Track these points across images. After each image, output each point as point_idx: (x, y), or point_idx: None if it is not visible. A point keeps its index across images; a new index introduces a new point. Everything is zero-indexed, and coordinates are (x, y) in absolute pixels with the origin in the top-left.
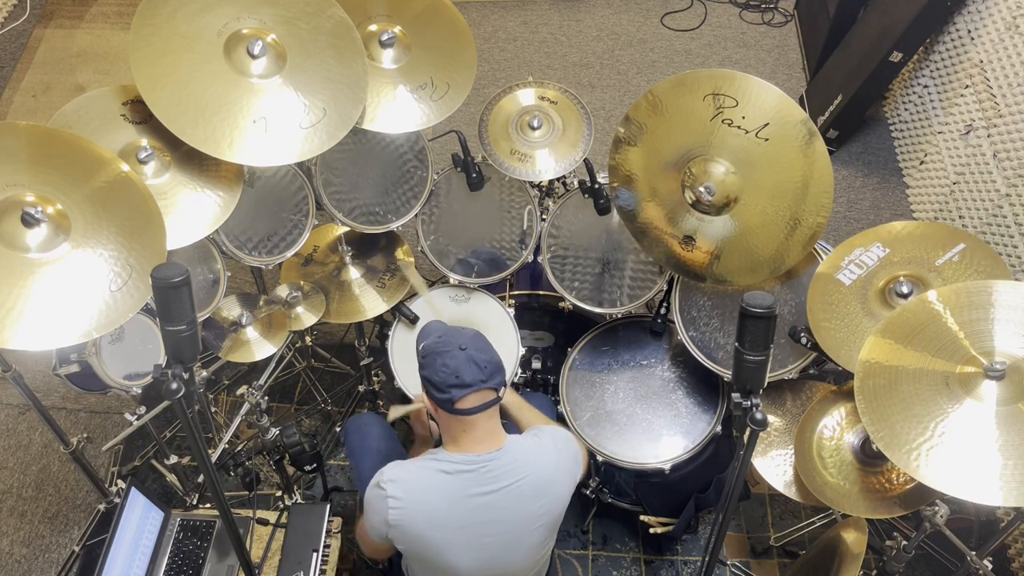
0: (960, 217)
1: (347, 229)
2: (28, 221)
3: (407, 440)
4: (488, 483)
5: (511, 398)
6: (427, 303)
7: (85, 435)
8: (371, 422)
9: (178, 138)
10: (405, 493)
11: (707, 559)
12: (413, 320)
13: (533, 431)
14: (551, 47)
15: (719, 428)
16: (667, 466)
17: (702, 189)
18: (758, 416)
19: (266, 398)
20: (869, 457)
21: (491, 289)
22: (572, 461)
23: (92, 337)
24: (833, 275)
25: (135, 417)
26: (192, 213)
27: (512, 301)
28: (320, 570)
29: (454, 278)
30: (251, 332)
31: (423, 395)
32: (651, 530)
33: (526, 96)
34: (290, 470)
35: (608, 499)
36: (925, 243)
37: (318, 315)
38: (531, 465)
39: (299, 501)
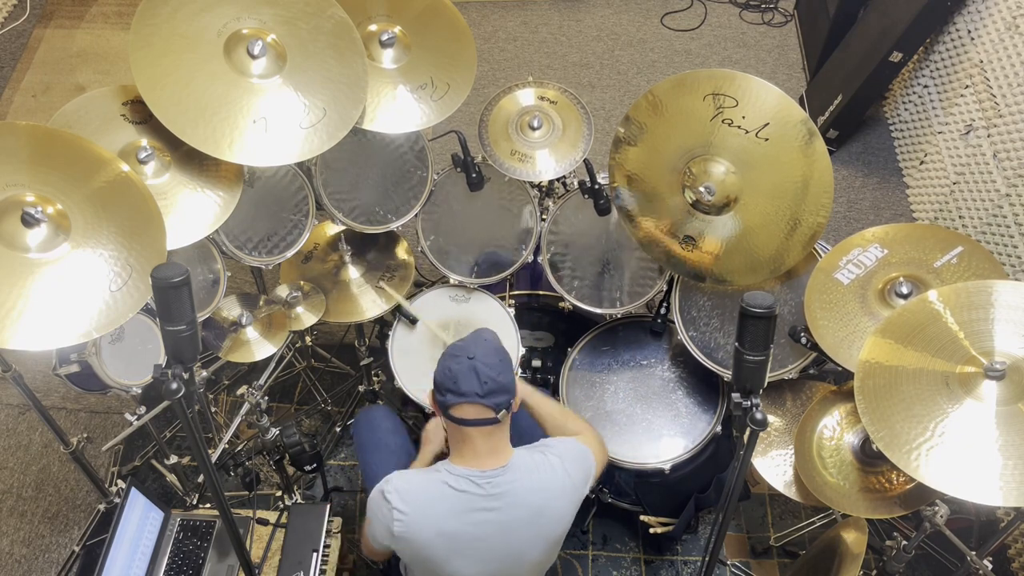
0: (960, 217)
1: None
2: (28, 221)
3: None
4: (491, 500)
5: (537, 399)
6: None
7: (85, 435)
8: (382, 415)
9: (178, 138)
10: (409, 506)
11: (707, 559)
12: (413, 321)
13: (541, 446)
14: (551, 47)
15: (719, 428)
16: (667, 466)
17: (702, 189)
18: (758, 416)
19: (266, 398)
20: (869, 457)
21: (491, 289)
22: (579, 482)
23: (92, 337)
24: (831, 274)
25: (135, 417)
26: (192, 213)
27: (512, 301)
28: (320, 570)
29: (454, 278)
30: (251, 332)
31: (429, 396)
32: (651, 530)
33: (526, 96)
34: (290, 470)
35: (608, 499)
36: (923, 245)
37: (318, 315)
38: (535, 484)
39: (299, 501)
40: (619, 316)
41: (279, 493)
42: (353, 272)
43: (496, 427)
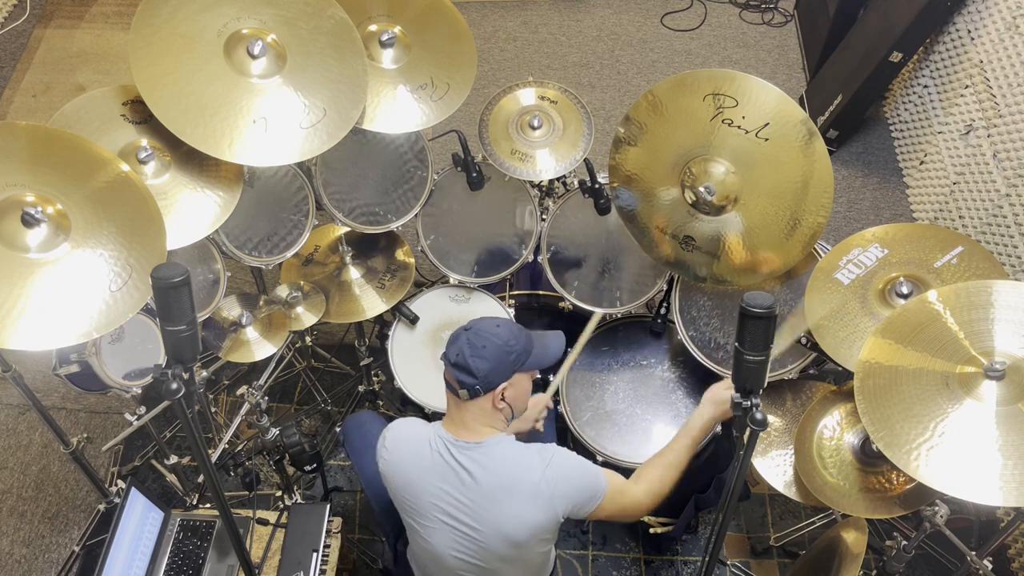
0: (960, 217)
1: (347, 229)
2: (28, 221)
3: None
4: (457, 470)
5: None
6: (428, 305)
7: (85, 435)
8: (370, 419)
9: (178, 138)
10: (390, 451)
11: (707, 559)
12: (413, 320)
13: (544, 448)
14: (551, 47)
15: (719, 428)
16: None
17: (702, 189)
18: (758, 416)
19: (266, 398)
20: (869, 457)
21: (491, 289)
22: (557, 496)
23: (92, 337)
24: (831, 274)
25: (135, 417)
26: (192, 213)
27: (512, 301)
28: (320, 570)
29: (454, 278)
30: (251, 332)
31: None
32: (651, 530)
33: (526, 96)
34: (290, 470)
35: None
36: (924, 245)
37: (318, 315)
38: (505, 474)
39: (299, 501)
40: (619, 316)
41: (279, 493)
42: (354, 273)
43: (459, 401)
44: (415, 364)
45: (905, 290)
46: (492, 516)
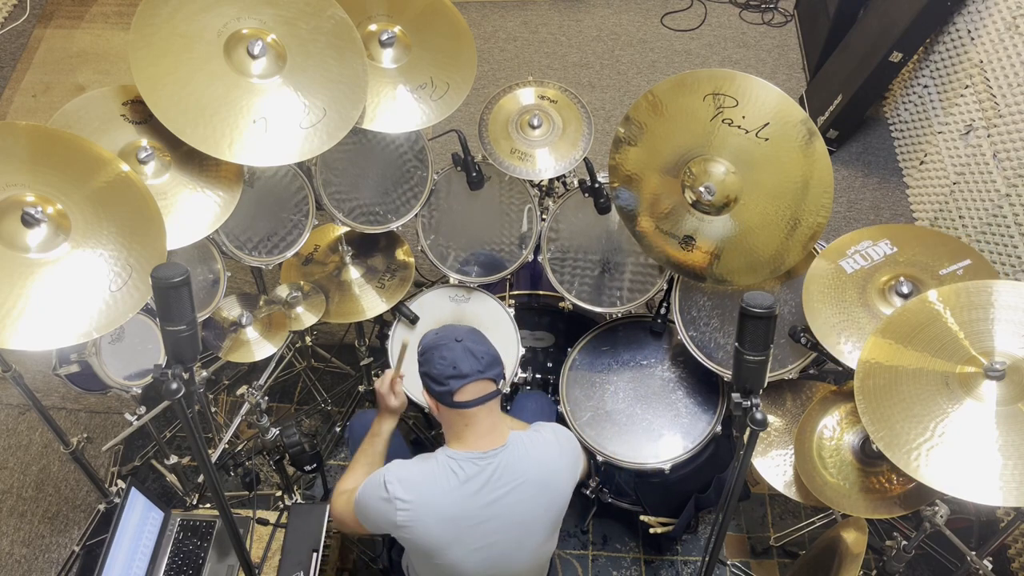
0: (960, 217)
1: (347, 229)
2: (28, 221)
3: (412, 439)
4: (494, 480)
5: None
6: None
7: (85, 435)
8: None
9: (178, 138)
10: (412, 494)
11: (707, 559)
12: (413, 320)
13: (534, 426)
14: (551, 47)
15: (719, 428)
16: (667, 466)
17: (702, 189)
18: (758, 416)
19: (266, 398)
20: (869, 457)
21: (491, 289)
22: (573, 456)
23: (92, 337)
24: (836, 261)
25: (135, 417)
26: (192, 213)
27: (512, 301)
28: (320, 570)
29: (454, 278)
30: (251, 332)
31: (424, 395)
32: (651, 530)
33: (526, 95)
34: (290, 470)
35: (608, 499)
36: (934, 251)
37: (318, 315)
38: (534, 460)
39: (299, 501)
40: (619, 316)
41: (279, 493)
42: (354, 273)
43: (497, 400)
44: (415, 364)
45: (906, 290)
46: (541, 506)
